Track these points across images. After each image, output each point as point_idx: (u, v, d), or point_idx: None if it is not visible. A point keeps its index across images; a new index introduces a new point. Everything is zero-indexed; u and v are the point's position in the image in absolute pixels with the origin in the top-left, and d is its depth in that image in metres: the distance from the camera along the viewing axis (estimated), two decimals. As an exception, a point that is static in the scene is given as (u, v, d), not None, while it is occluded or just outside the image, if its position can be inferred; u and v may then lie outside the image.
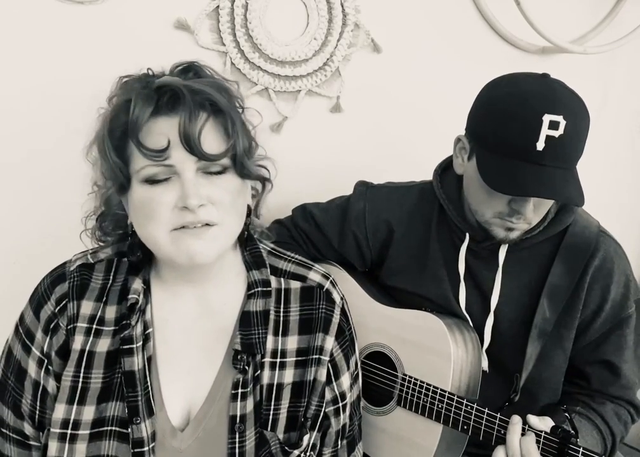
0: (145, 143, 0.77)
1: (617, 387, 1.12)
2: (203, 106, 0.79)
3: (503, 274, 1.10)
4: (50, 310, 0.85)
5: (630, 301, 1.09)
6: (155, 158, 0.77)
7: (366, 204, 1.21)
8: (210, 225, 0.79)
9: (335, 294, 0.94)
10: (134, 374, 0.83)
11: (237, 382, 0.85)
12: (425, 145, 1.50)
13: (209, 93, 0.79)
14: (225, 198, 0.80)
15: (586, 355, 1.12)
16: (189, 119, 0.77)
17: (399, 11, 1.45)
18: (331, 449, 0.95)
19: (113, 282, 0.88)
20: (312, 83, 1.39)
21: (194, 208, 0.76)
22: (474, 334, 1.11)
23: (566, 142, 0.92)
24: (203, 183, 0.79)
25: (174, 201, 0.78)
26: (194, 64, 0.86)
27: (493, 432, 0.99)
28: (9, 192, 1.19)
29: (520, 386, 1.07)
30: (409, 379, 1.10)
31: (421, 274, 1.16)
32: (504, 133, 0.94)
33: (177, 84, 0.78)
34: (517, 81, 0.98)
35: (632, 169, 1.92)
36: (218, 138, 0.81)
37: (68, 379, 0.84)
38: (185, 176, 0.78)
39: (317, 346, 0.89)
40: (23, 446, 0.87)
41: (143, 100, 0.78)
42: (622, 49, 1.66)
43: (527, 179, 0.93)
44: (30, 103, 1.16)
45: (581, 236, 1.09)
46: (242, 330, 0.87)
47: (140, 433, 0.82)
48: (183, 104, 0.77)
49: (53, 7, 1.14)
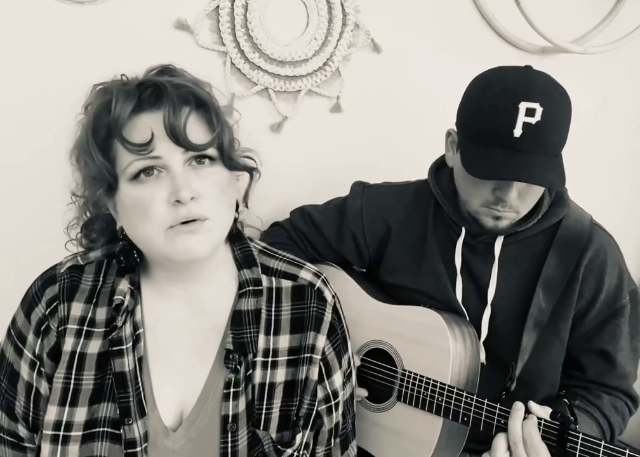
0: (129, 138, 0.77)
1: (613, 376, 1.13)
2: (186, 100, 0.79)
3: (499, 267, 1.11)
4: (41, 312, 0.85)
5: (624, 292, 1.11)
6: (140, 152, 0.76)
7: (363, 203, 1.23)
8: (202, 219, 0.79)
9: (327, 293, 0.93)
10: (125, 375, 0.83)
11: (229, 381, 0.85)
12: (424, 145, 1.50)
13: (190, 87, 0.80)
14: (214, 190, 0.80)
15: (582, 345, 1.13)
16: (173, 112, 0.77)
17: (399, 11, 1.45)
18: (324, 447, 0.94)
19: (103, 283, 0.88)
20: (312, 83, 1.39)
21: (186, 200, 0.76)
22: (472, 328, 1.12)
23: (544, 128, 0.94)
24: (192, 176, 0.79)
25: (167, 196, 0.77)
26: (169, 67, 0.86)
27: (493, 422, 1.00)
28: (10, 192, 1.19)
29: (516, 375, 1.08)
30: (409, 374, 1.10)
31: (419, 269, 1.17)
32: (483, 122, 0.97)
33: (159, 80, 0.79)
34: (498, 73, 1.01)
35: (632, 169, 1.92)
36: (203, 129, 0.81)
37: (60, 381, 0.84)
38: (174, 169, 0.78)
39: (309, 344, 0.89)
40: (18, 448, 0.87)
41: (124, 97, 0.78)
42: (622, 49, 1.66)
43: (505, 165, 0.95)
44: (29, 103, 1.16)
45: (574, 229, 1.11)
46: (233, 329, 0.86)
47: (132, 434, 0.82)
48: (166, 97, 0.78)
49: (52, 7, 1.14)
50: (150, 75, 0.84)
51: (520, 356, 1.08)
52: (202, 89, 0.83)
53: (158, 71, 0.85)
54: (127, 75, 0.84)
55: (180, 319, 0.88)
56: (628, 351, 1.12)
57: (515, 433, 0.95)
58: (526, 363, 1.09)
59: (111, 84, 0.82)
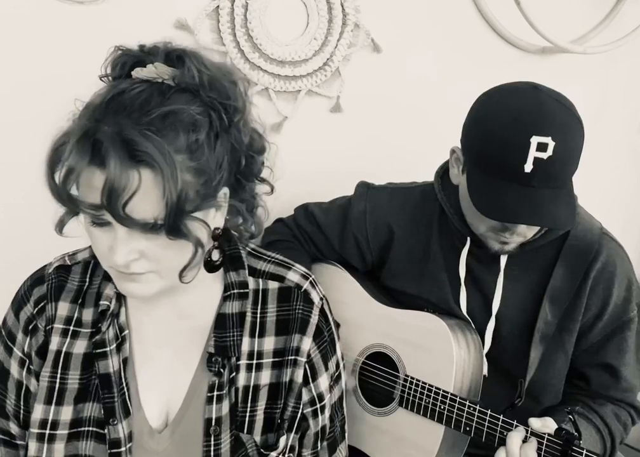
0: (81, 192, 0.70)
1: (617, 390, 1.11)
2: (137, 166, 0.66)
3: (505, 278, 1.09)
4: (29, 311, 0.86)
5: (632, 304, 1.09)
6: (89, 212, 0.70)
7: (367, 206, 1.21)
8: (142, 273, 0.75)
9: (314, 295, 0.91)
10: (109, 376, 0.83)
11: (213, 385, 0.84)
12: (425, 145, 1.50)
13: (147, 152, 0.66)
14: (158, 253, 0.73)
15: (587, 357, 1.11)
16: (115, 182, 0.66)
17: (399, 11, 1.45)
18: (310, 450, 0.93)
19: (90, 284, 0.88)
20: (312, 83, 1.39)
21: (120, 265, 0.72)
22: (476, 335, 1.10)
23: (555, 163, 0.91)
24: (137, 237, 0.71)
25: (110, 244, 0.73)
26: (186, 53, 0.75)
27: (496, 434, 0.99)
28: (11, 191, 1.19)
29: (524, 392, 1.06)
30: (411, 380, 1.09)
31: (422, 277, 1.15)
32: (492, 154, 0.94)
33: (111, 138, 0.66)
34: (506, 96, 0.97)
35: (632, 169, 1.92)
36: (153, 203, 0.69)
37: (46, 379, 0.84)
38: (118, 232, 0.71)
39: (294, 347, 0.88)
40: (10, 446, 0.88)
41: (77, 151, 0.67)
42: (622, 49, 1.66)
43: (514, 204, 0.92)
44: (29, 103, 1.16)
45: (583, 239, 1.08)
46: (216, 332, 0.86)
47: (117, 434, 0.82)
48: (108, 162, 0.65)
49: (52, 7, 1.14)
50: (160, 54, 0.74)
51: (528, 371, 1.07)
52: (175, 132, 0.69)
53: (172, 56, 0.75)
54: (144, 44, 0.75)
55: (165, 321, 0.88)
56: (634, 365, 1.11)
57: (513, 454, 0.93)
58: (531, 376, 1.08)
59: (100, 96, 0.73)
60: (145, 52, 0.76)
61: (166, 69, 0.73)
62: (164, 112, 0.69)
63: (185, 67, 0.74)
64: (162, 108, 0.69)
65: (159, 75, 0.73)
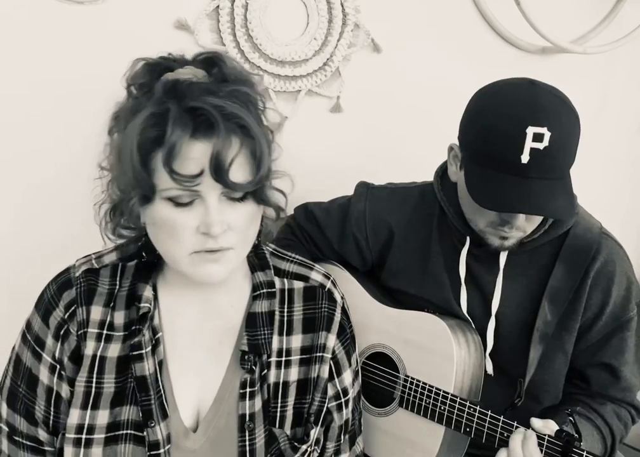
0: (177, 167, 0.74)
1: (617, 390, 1.11)
2: (236, 133, 0.76)
3: (505, 277, 1.09)
4: (59, 316, 0.85)
5: (632, 304, 1.09)
6: (185, 184, 0.74)
7: (367, 206, 1.21)
8: (227, 249, 0.79)
9: (336, 294, 0.96)
10: (146, 379, 0.84)
11: (245, 381, 0.87)
12: (425, 145, 1.50)
13: (242, 117, 0.75)
14: (243, 224, 0.80)
15: (586, 357, 1.11)
16: (222, 148, 0.74)
17: (399, 11, 1.45)
18: (334, 443, 0.96)
19: (120, 287, 0.88)
20: (312, 83, 1.39)
21: (217, 235, 0.76)
22: (476, 335, 1.10)
23: (552, 153, 0.91)
24: (225, 208, 0.78)
25: (197, 225, 0.77)
26: (217, 56, 0.81)
27: (496, 435, 0.99)
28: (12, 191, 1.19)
29: (523, 391, 1.06)
30: (412, 380, 1.09)
31: (422, 277, 1.15)
32: (489, 147, 0.94)
33: (211, 108, 0.73)
34: (502, 91, 0.97)
35: (632, 169, 1.93)
36: (246, 167, 0.78)
37: (82, 385, 0.84)
38: (210, 202, 0.76)
39: (320, 344, 0.92)
40: (37, 452, 0.88)
41: (180, 126, 0.73)
42: (622, 49, 1.66)
43: (512, 195, 0.93)
44: (29, 103, 1.15)
45: (582, 238, 1.08)
46: (248, 331, 0.88)
47: (156, 436, 0.83)
48: (217, 131, 0.74)
49: (52, 7, 1.14)
50: (198, 59, 0.81)
51: (527, 371, 1.07)
52: (251, 111, 0.78)
53: (207, 60, 0.81)
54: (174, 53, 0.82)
55: (196, 322, 0.90)
56: (634, 364, 1.11)
57: (516, 453, 0.93)
58: (531, 376, 1.08)
59: (153, 71, 0.79)
60: (168, 59, 0.82)
61: (199, 70, 0.79)
62: (233, 90, 0.77)
63: (216, 66, 0.80)
64: (227, 89, 0.76)
65: (195, 75, 0.78)
